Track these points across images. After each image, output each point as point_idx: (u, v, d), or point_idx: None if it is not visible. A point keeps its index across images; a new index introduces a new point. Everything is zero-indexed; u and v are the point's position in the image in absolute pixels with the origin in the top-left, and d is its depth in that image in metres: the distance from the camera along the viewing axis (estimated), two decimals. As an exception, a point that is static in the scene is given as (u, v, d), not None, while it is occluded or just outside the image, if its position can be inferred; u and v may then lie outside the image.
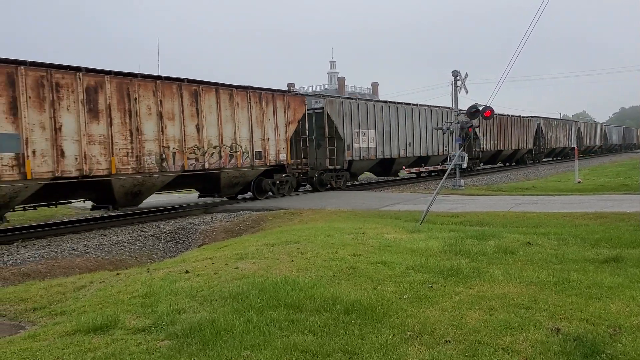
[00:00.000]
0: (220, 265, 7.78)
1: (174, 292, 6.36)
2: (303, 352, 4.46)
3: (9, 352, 4.74)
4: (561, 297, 5.75)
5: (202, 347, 4.64)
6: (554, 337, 4.65)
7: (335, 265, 7.38)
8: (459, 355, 4.37)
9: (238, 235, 13.61)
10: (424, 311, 5.44)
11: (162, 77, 16.19)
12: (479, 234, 9.64)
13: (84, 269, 10.59)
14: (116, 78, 14.79)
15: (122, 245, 12.74)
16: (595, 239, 8.83)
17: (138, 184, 15.50)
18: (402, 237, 9.71)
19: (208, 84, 17.59)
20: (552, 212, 13.47)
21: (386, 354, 4.42)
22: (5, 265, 10.46)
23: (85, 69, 14.21)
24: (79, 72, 13.96)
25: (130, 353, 4.58)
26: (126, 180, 15.00)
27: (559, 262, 7.41)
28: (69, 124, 13.61)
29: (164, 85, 16.02)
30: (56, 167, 13.30)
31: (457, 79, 23.76)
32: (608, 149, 70.24)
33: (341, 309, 5.48)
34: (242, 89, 18.72)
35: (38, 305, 6.42)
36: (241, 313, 5.44)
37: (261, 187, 19.99)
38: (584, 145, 57.90)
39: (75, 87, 13.79)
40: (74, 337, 5.04)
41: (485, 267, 7.22)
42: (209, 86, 17.51)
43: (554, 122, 51.61)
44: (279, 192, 20.66)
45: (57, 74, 13.42)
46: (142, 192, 15.94)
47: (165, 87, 16.03)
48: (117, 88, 14.77)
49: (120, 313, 5.65)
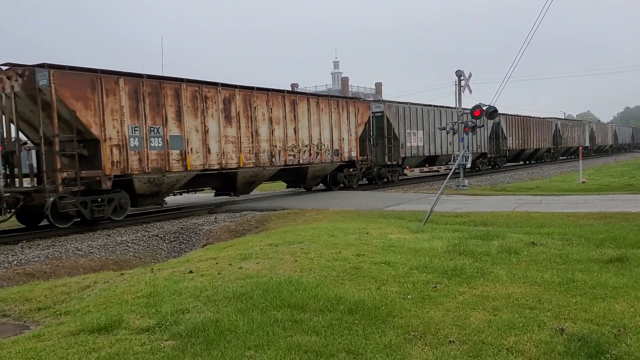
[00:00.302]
0: (224, 266, 7.79)
1: (177, 292, 6.37)
2: (307, 352, 4.46)
3: (14, 352, 4.76)
4: (565, 297, 5.74)
5: (206, 347, 4.64)
6: (558, 337, 4.63)
7: (338, 266, 7.38)
8: (463, 355, 4.36)
9: (242, 235, 13.62)
10: (427, 311, 5.43)
11: (271, 90, 19.88)
12: (483, 234, 9.62)
13: (88, 269, 10.62)
14: (242, 91, 18.51)
15: (126, 245, 12.77)
16: (600, 239, 8.81)
17: (254, 175, 19.38)
18: (405, 237, 9.70)
19: (301, 94, 22.06)
20: (556, 212, 13.44)
21: (390, 354, 4.42)
22: (10, 266, 10.49)
23: (221, 84, 17.88)
24: (219, 87, 17.66)
25: (135, 353, 4.59)
26: (247, 172, 18.87)
27: (563, 262, 7.39)
28: (212, 128, 17.38)
29: (273, 95, 19.76)
30: (205, 161, 17.09)
31: (460, 78, 23.73)
32: (618, 148, 72.97)
33: (345, 309, 5.48)
34: (325, 97, 22.76)
35: (42, 305, 6.44)
36: (245, 313, 5.44)
37: (336, 179, 23.75)
38: (596, 145, 61.63)
39: (217, 99, 17.55)
40: (78, 337, 5.05)
41: (489, 267, 7.21)
42: (302, 96, 21.67)
43: (569, 123, 55.86)
44: (349, 183, 24.32)
45: (205, 88, 17.13)
46: (255, 182, 19.94)
47: (273, 97, 19.73)
48: (243, 99, 18.48)
49: (125, 313, 5.66)
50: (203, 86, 17.02)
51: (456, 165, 16.36)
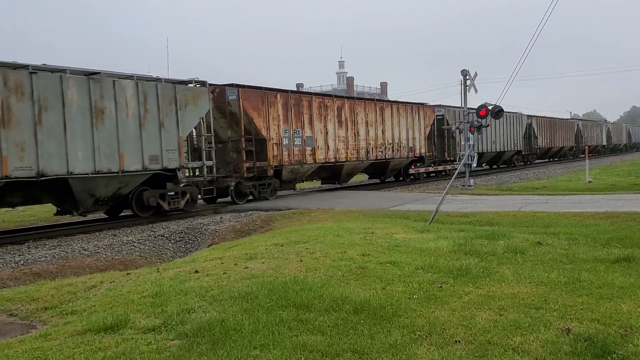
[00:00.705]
0: (230, 265, 7.80)
1: (183, 292, 6.38)
2: (312, 352, 4.46)
3: (21, 351, 4.78)
4: (572, 297, 5.72)
5: (212, 346, 4.65)
6: (564, 337, 4.62)
7: (344, 265, 7.38)
8: (468, 355, 4.35)
9: (247, 235, 13.63)
10: (433, 311, 5.42)
11: (366, 99, 25.57)
12: (489, 233, 9.60)
13: (95, 268, 10.65)
14: (348, 100, 24.25)
15: (132, 245, 12.80)
16: (606, 239, 8.77)
17: (354, 167, 24.39)
18: (411, 237, 9.69)
19: (386, 101, 27.93)
20: (562, 211, 13.39)
21: (395, 354, 4.41)
22: (17, 265, 10.54)
23: (335, 96, 23.56)
24: (334, 98, 23.04)
25: (141, 352, 4.60)
26: (350, 165, 23.74)
27: (570, 262, 7.36)
28: (330, 130, 22.36)
29: (368, 103, 24.92)
30: (325, 156, 22.10)
31: (466, 78, 23.68)
32: (632, 146, 77.51)
33: (350, 309, 5.48)
34: (403, 104, 27.39)
35: (49, 304, 6.46)
36: (250, 313, 5.45)
37: (407, 171, 28.22)
38: (612, 144, 66.64)
39: (333, 107, 22.61)
40: (84, 337, 5.07)
41: (495, 267, 7.19)
42: (387, 103, 27.19)
43: (589, 124, 61.07)
44: (418, 175, 28.93)
45: (326, 100, 22.56)
46: (352, 173, 25.09)
47: (368, 104, 24.79)
48: (349, 106, 23.54)
49: (131, 313, 5.68)
50: (325, 98, 22.62)
51: (461, 165, 16.32)
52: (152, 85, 15.37)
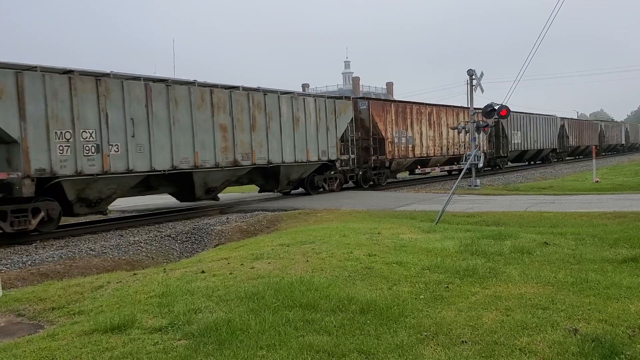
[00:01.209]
0: (236, 266, 7.81)
1: (190, 292, 6.40)
2: (319, 352, 4.46)
3: (28, 351, 4.80)
4: (579, 298, 5.70)
5: (218, 346, 4.66)
6: (571, 337, 4.60)
7: (350, 266, 7.38)
8: (475, 355, 4.34)
9: (253, 235, 13.65)
10: (440, 311, 5.41)
11: (447, 105, 31.21)
12: (495, 234, 9.57)
13: (102, 269, 10.69)
14: (435, 107, 29.77)
15: (139, 245, 12.84)
16: (614, 239, 8.73)
17: (436, 161, 30.30)
18: (417, 237, 9.67)
19: (460, 108, 31.85)
20: (569, 211, 13.33)
21: (402, 355, 4.41)
22: (24, 266, 10.60)
23: (426, 103, 29.30)
24: (426, 105, 29.06)
25: (147, 352, 4.62)
26: (435, 159, 29.67)
27: (577, 262, 7.33)
28: (423, 131, 28.40)
29: (449, 109, 31.07)
30: (420, 152, 28.16)
31: (472, 78, 23.61)
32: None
33: (357, 309, 5.48)
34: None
35: (56, 305, 6.49)
36: (257, 313, 5.46)
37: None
38: (630, 143, 71.92)
39: (425, 113, 28.71)
40: (91, 337, 5.09)
41: (501, 267, 7.17)
42: (460, 109, 31.59)
43: (610, 124, 66.79)
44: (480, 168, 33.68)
45: (421, 107, 28.55)
46: (436, 165, 30.61)
47: (448, 110, 30.77)
48: (436, 112, 29.53)
49: (137, 313, 5.69)
50: (420, 105, 28.56)
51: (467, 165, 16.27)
52: (322, 100, 22.08)
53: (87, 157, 13.82)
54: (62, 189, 13.60)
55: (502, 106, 18.63)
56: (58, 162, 13.21)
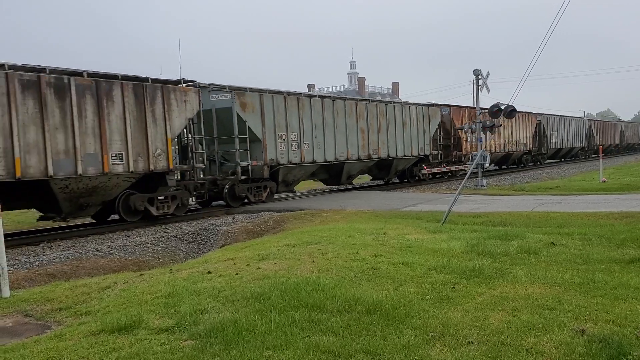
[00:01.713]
0: (242, 266, 7.82)
1: (196, 293, 6.41)
2: (325, 353, 4.47)
3: (36, 352, 4.83)
4: (586, 298, 5.67)
5: (225, 347, 4.67)
6: (579, 338, 4.58)
7: (356, 266, 7.38)
8: (482, 356, 4.33)
9: (259, 236, 13.67)
10: (446, 312, 5.40)
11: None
12: (502, 234, 9.55)
13: (108, 269, 10.73)
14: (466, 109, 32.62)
15: (145, 246, 12.88)
16: (621, 239, 8.69)
17: (505, 156, 36.12)
18: (423, 238, 9.66)
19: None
20: (576, 211, 13.28)
21: (408, 355, 4.41)
22: (31, 266, 10.65)
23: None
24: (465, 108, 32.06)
25: (154, 353, 4.63)
26: (494, 155, 33.19)
27: (584, 263, 7.31)
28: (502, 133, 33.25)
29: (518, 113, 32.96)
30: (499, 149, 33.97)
31: (478, 77, 23.56)
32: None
33: (363, 310, 5.47)
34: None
35: (64, 305, 6.52)
36: (263, 313, 5.47)
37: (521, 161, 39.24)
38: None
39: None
40: (98, 337, 5.11)
41: (508, 267, 7.16)
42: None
43: (629, 125, 71.91)
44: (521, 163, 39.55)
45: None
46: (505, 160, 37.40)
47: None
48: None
49: (144, 313, 5.71)
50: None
51: (474, 165, 16.24)
52: (420, 108, 27.18)
53: (293, 152, 19.93)
54: (277, 173, 19.62)
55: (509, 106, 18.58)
56: (279, 155, 19.41)
